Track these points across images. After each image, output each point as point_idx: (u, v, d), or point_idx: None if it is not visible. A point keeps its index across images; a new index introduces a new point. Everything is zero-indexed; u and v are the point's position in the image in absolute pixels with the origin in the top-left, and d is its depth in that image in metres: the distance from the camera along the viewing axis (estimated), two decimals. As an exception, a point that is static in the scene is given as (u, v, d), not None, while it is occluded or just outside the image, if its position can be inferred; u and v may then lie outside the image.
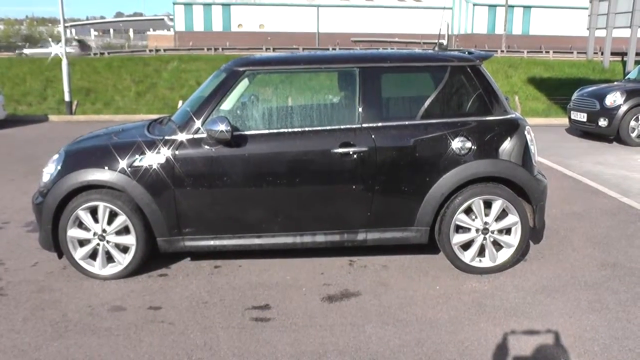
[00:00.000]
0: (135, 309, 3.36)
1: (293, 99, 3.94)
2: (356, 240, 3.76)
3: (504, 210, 3.70)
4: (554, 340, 2.96)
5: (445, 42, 3.92)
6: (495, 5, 44.36)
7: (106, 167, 3.61)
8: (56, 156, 3.84)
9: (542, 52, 31.98)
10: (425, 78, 3.81)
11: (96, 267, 3.76)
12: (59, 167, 3.70)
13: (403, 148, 3.62)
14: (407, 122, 3.66)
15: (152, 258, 3.87)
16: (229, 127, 3.41)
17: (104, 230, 3.69)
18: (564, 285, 3.61)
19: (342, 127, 3.63)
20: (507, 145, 3.68)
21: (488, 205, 3.71)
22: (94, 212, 3.68)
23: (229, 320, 3.20)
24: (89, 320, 3.22)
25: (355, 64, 3.71)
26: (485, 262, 3.77)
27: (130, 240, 3.70)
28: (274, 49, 27.72)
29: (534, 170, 3.76)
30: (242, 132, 3.61)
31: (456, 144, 3.62)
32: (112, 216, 3.68)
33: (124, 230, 3.70)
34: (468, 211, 3.71)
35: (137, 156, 3.61)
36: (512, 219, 3.71)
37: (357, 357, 2.82)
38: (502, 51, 32.40)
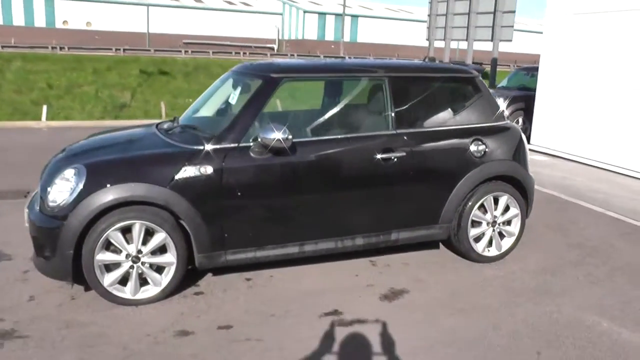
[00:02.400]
0: (203, 330, 3.13)
1: (327, 106, 3.98)
2: (390, 240, 3.96)
3: (507, 204, 4.23)
4: (587, 309, 3.52)
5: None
6: (324, 13, 47.02)
7: (143, 182, 3.28)
8: (70, 172, 3.34)
9: (368, 57, 34.91)
10: (444, 87, 4.17)
11: (128, 292, 3.38)
12: (80, 185, 3.24)
13: (433, 152, 3.93)
14: (434, 128, 3.97)
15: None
16: (288, 135, 3.36)
17: (139, 251, 3.35)
18: (558, 266, 4.25)
19: (380, 133, 3.81)
20: (511, 147, 4.21)
21: (495, 200, 4.20)
22: (123, 232, 3.32)
23: (313, 328, 3.18)
24: (161, 349, 2.93)
25: (385, 73, 3.91)
26: (493, 252, 4.26)
27: (168, 259, 3.41)
28: (155, 50, 25.97)
29: (529, 169, 4.36)
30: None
31: (473, 147, 4.04)
32: (147, 235, 3.35)
33: (160, 250, 3.40)
34: (480, 207, 4.16)
35: (178, 168, 3.34)
36: (514, 211, 4.25)
37: (460, 347, 3.05)
38: (325, 56, 34.63)
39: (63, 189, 3.30)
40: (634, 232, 5.08)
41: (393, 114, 3.86)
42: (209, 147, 3.44)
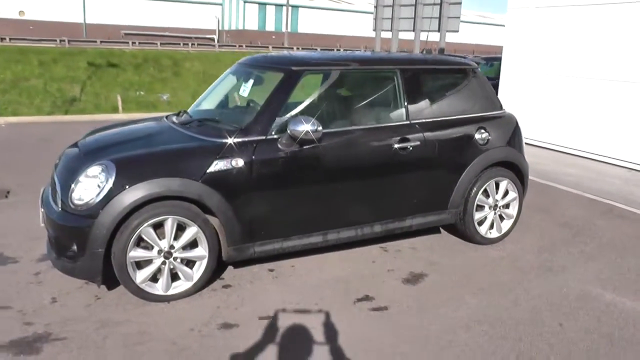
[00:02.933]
0: (246, 322, 3.16)
1: (346, 98, 4.05)
2: (404, 226, 4.11)
3: (507, 188, 4.48)
4: (589, 283, 3.82)
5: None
6: (265, 3, 46.55)
7: (176, 176, 3.26)
8: (96, 169, 3.25)
9: (315, 49, 35.00)
10: (450, 78, 4.35)
11: (160, 288, 3.35)
12: (110, 181, 3.17)
13: (444, 141, 4.10)
14: (443, 118, 4.15)
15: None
16: (317, 127, 3.42)
17: (171, 247, 3.32)
18: (552, 244, 4.56)
19: (396, 123, 3.94)
20: (509, 134, 4.46)
21: (496, 185, 4.44)
22: (154, 228, 3.28)
23: (353, 314, 3.28)
24: (211, 342, 2.95)
25: (397, 65, 4.04)
26: (494, 234, 4.51)
27: (200, 253, 3.40)
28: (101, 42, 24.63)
29: (524, 154, 4.63)
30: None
31: (478, 135, 4.25)
32: (177, 230, 3.33)
33: (190, 244, 3.39)
34: (483, 191, 4.38)
35: (210, 162, 3.34)
36: (512, 195, 4.51)
37: (492, 323, 3.25)
38: (275, 47, 34.53)
39: (89, 186, 3.22)
40: (609, 211, 5.50)
41: (406, 105, 3.99)
42: (237, 139, 3.45)
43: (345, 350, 2.90)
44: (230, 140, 3.44)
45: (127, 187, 3.16)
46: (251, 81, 4.12)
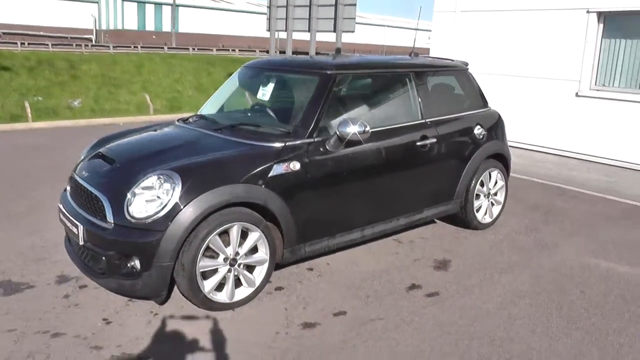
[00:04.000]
0: (323, 319, 3.25)
1: (374, 99, 4.22)
2: (421, 217, 4.41)
3: (497, 178, 4.97)
4: (584, 255, 4.40)
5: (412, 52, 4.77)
6: (144, 2, 44.52)
7: (239, 183, 3.25)
8: (153, 179, 3.12)
9: (211, 50, 34.30)
10: (450, 79, 4.71)
11: (225, 296, 3.32)
12: (177, 190, 3.07)
13: (452, 137, 4.46)
14: (450, 116, 4.50)
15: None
16: (365, 128, 3.58)
17: (236, 253, 3.30)
18: (534, 225, 5.13)
19: (416, 122, 4.22)
20: (497, 128, 4.94)
21: (488, 175, 4.90)
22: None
23: (413, 302, 3.50)
24: (306, 341, 3.00)
25: (411, 68, 4.32)
26: (487, 219, 4.97)
27: (261, 257, 3.42)
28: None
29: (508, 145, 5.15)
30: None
31: (476, 130, 4.67)
32: (240, 236, 3.32)
33: (252, 249, 3.40)
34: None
35: (270, 166, 3.36)
36: (501, 183, 5.01)
37: (532, 298, 3.65)
38: (170, 48, 33.34)
39: (150, 198, 3.10)
40: (563, 193, 6.27)
41: (420, 105, 4.29)
42: (290, 143, 3.50)
43: (431, 334, 3.12)
44: (284, 144, 3.48)
45: (195, 196, 3.09)
46: (271, 85, 4.15)
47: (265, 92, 4.15)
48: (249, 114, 4.18)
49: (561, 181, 6.76)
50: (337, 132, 3.58)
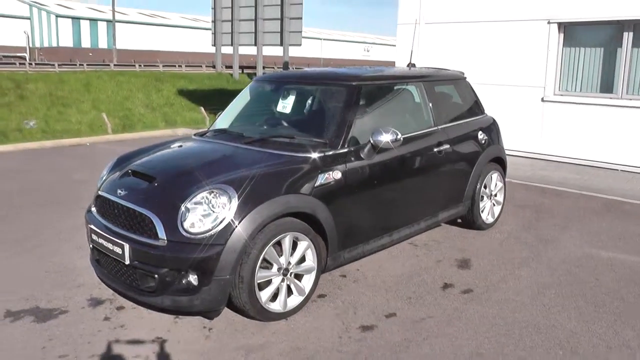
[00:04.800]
0: (377, 322, 3.36)
1: (395, 108, 4.39)
2: (437, 221, 4.62)
3: (497, 180, 5.27)
4: (584, 247, 4.75)
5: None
6: (79, 18, 43.12)
7: (291, 193, 3.33)
8: (206, 194, 3.15)
9: (157, 66, 33.60)
10: (454, 87, 4.97)
11: (279, 306, 3.37)
12: (234, 203, 3.12)
13: (462, 142, 4.71)
14: (457, 122, 4.76)
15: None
16: (397, 136, 3.74)
17: (288, 263, 3.37)
18: (530, 222, 5.47)
19: (431, 129, 4.44)
20: (495, 133, 5.25)
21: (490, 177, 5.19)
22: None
23: (453, 299, 3.68)
24: (370, 343, 3.11)
25: (420, 78, 4.55)
26: (490, 219, 5.26)
27: (309, 265, 3.50)
28: None
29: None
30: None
31: (480, 136, 4.96)
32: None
33: (301, 259, 3.47)
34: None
35: (315, 176, 3.47)
36: (500, 185, 5.32)
37: (557, 288, 3.91)
38: (116, 65, 32.45)
39: (205, 212, 3.12)
40: (544, 192, 6.69)
41: (432, 113, 4.52)
42: (329, 153, 3.61)
43: (481, 327, 3.30)
44: (324, 154, 3.59)
45: (252, 208, 3.15)
46: (292, 97, 4.25)
47: (285, 105, 4.25)
48: (275, 127, 4.26)
49: (538, 181, 7.22)
50: (371, 141, 3.73)
